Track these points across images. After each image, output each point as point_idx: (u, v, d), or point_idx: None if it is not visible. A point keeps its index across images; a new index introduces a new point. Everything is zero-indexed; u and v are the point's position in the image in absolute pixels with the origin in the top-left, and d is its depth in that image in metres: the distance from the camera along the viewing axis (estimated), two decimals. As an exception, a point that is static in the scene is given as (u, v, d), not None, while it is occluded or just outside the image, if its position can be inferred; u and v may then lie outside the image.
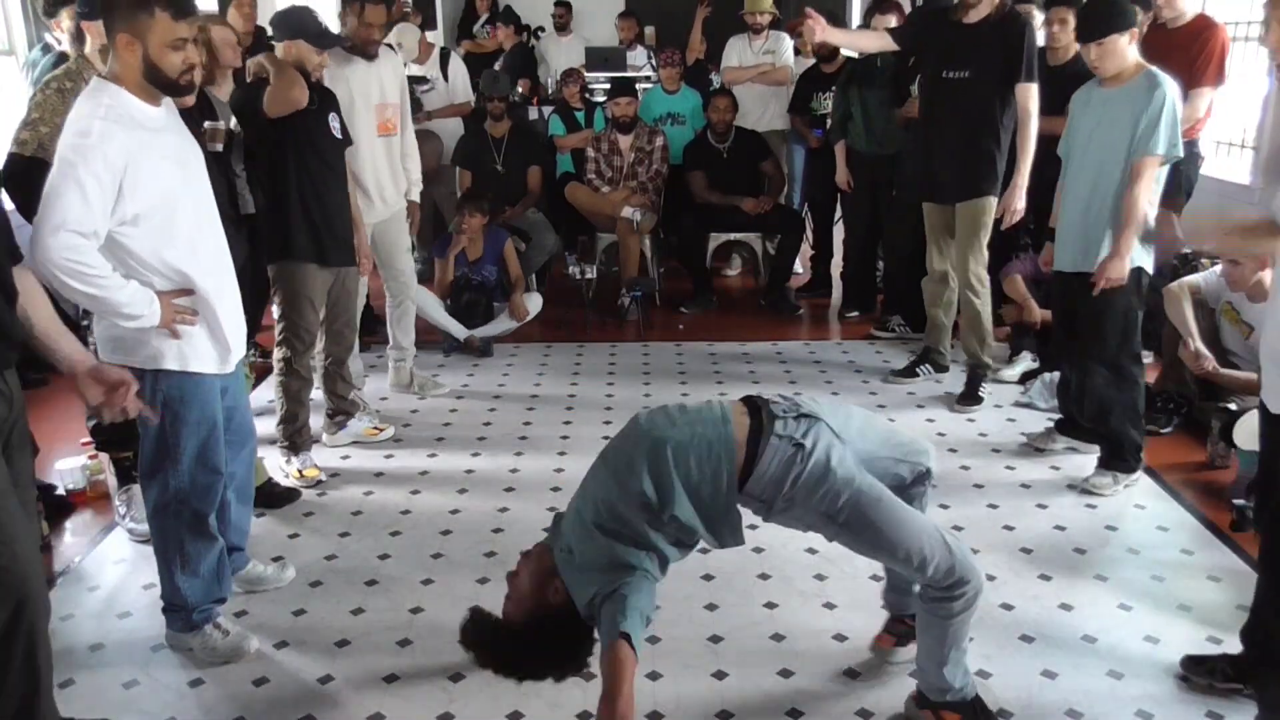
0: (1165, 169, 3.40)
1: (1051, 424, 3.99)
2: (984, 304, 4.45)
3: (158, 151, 2.37)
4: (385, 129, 4.16)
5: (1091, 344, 3.53)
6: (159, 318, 2.41)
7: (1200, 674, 2.51)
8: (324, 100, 3.69)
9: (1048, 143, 4.33)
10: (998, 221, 4.32)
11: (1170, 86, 3.31)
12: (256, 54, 4.60)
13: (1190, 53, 4.40)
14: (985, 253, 4.38)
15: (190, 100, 2.80)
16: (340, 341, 3.92)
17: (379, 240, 4.25)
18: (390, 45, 4.58)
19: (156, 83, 2.37)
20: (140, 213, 2.34)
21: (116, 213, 2.30)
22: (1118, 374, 3.50)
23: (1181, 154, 3.39)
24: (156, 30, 2.30)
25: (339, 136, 3.72)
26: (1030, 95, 4.13)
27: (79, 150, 2.24)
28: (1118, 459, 3.59)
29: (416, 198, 4.42)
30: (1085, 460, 3.80)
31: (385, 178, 4.18)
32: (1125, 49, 3.34)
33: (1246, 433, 3.48)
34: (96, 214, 2.25)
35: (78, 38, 3.75)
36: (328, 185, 3.65)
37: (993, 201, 4.29)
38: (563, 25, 8.51)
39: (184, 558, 2.63)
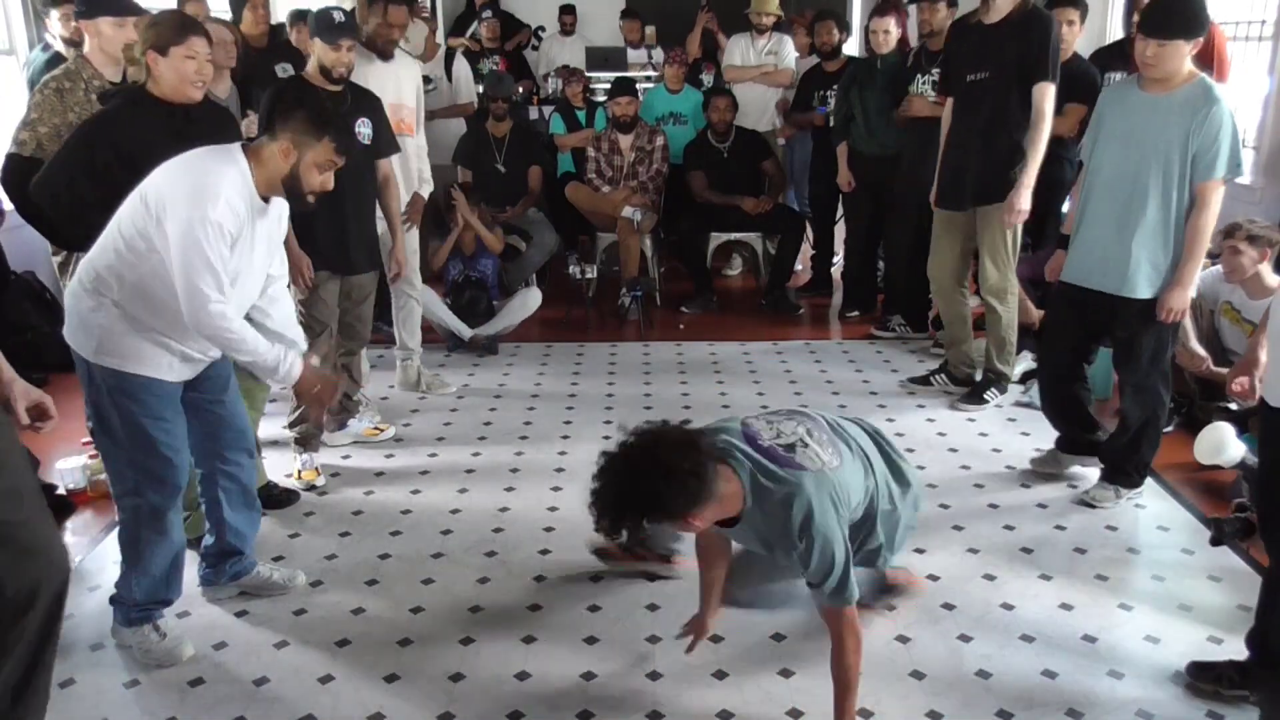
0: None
1: (1053, 446, 3.81)
2: (1008, 311, 4.35)
3: None
4: (398, 129, 4.16)
5: (1123, 366, 3.44)
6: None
7: (1206, 680, 2.50)
8: (356, 103, 3.68)
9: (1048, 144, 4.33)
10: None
11: (1225, 98, 3.11)
12: (273, 55, 4.64)
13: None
14: (1013, 259, 4.29)
15: (198, 96, 2.87)
16: (352, 335, 3.92)
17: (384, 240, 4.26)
18: (404, 49, 4.59)
19: None
20: None
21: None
22: (1145, 394, 3.38)
23: (1243, 171, 3.21)
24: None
25: (366, 143, 3.72)
26: (1046, 95, 4.00)
27: None
28: (1121, 474, 3.51)
29: (425, 193, 4.44)
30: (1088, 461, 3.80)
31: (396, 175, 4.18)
32: (1185, 56, 3.10)
33: (1209, 448, 3.40)
34: None
35: (73, 39, 3.75)
36: (348, 194, 3.64)
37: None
38: (569, 30, 8.55)
39: (135, 551, 2.63)
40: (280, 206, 2.66)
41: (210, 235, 2.35)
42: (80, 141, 2.83)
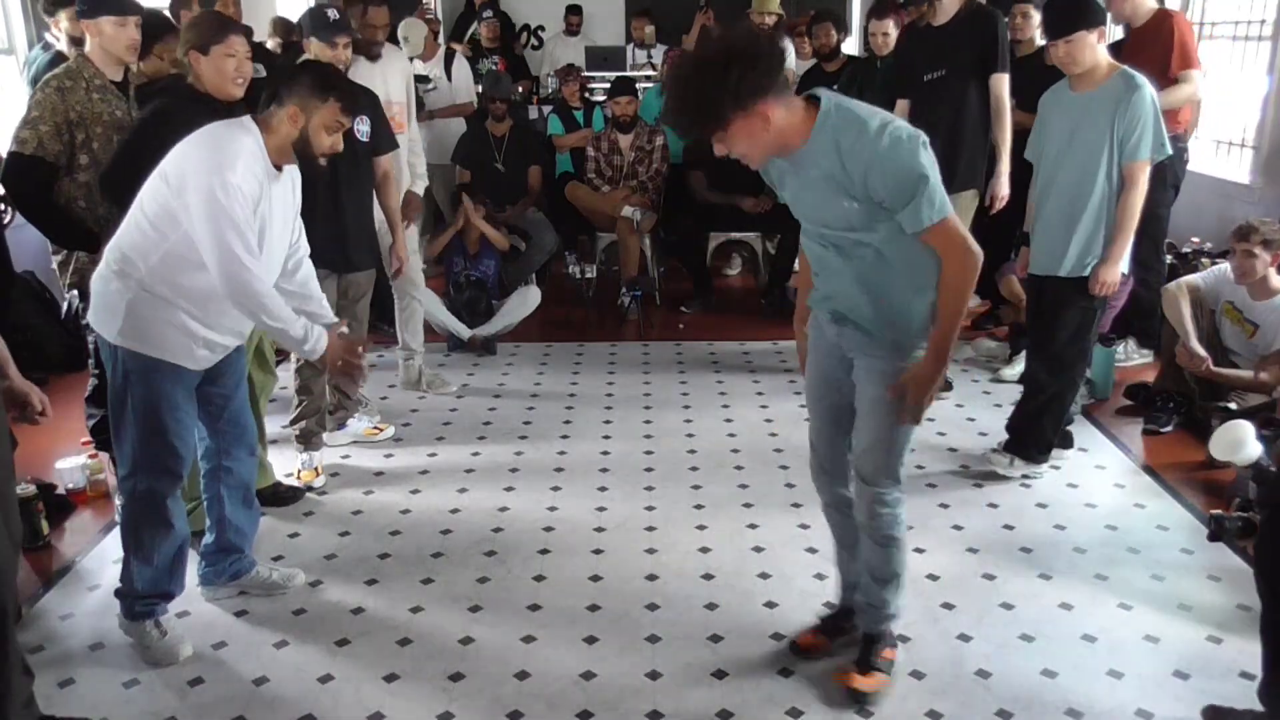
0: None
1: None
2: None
3: None
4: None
5: (1043, 341, 3.56)
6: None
7: None
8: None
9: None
10: (988, 210, 4.34)
11: (1147, 85, 3.28)
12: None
13: (1159, 46, 4.40)
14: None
15: (239, 93, 2.98)
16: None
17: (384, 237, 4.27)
18: (395, 41, 4.59)
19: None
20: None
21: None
22: (1056, 364, 3.52)
23: (1170, 151, 3.36)
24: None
25: (365, 141, 3.74)
26: (1003, 85, 4.19)
27: None
28: (1021, 447, 3.63)
29: (420, 190, 4.45)
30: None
31: None
32: (1094, 46, 3.30)
33: (1226, 444, 3.45)
34: None
35: (77, 38, 3.75)
36: (347, 192, 3.65)
37: (972, 194, 4.31)
38: (573, 30, 8.55)
39: (138, 540, 2.63)
40: (293, 176, 2.68)
41: (234, 198, 2.38)
42: (145, 136, 2.87)
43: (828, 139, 2.17)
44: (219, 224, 2.37)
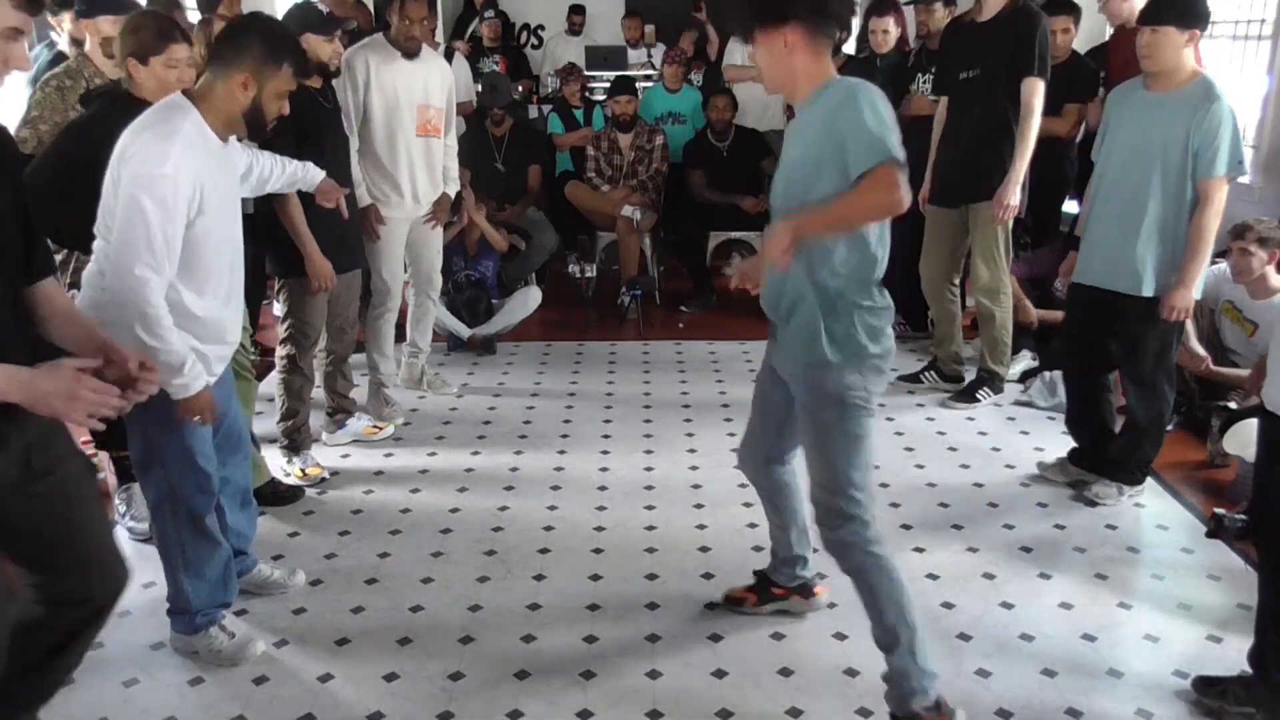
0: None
1: (1065, 456, 3.76)
2: (1001, 311, 4.32)
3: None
4: (425, 130, 4.14)
5: (1127, 363, 3.44)
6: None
7: (1212, 696, 2.46)
8: (338, 101, 3.69)
9: (1045, 143, 4.33)
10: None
11: (1227, 96, 3.13)
12: None
13: None
14: (1005, 259, 4.27)
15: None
16: (340, 339, 3.92)
17: (410, 237, 4.28)
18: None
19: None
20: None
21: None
22: (1150, 390, 3.38)
23: (1246, 170, 3.19)
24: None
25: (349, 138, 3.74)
26: (1035, 90, 4.03)
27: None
28: (1124, 471, 3.50)
29: (451, 192, 4.44)
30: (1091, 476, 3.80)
31: (421, 176, 4.18)
32: (1179, 48, 3.12)
33: (1241, 440, 3.46)
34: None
35: (77, 39, 3.75)
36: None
37: None
38: (576, 30, 8.54)
39: (186, 560, 2.62)
40: (235, 146, 2.60)
41: (162, 199, 2.24)
42: (63, 142, 2.81)
43: (822, 102, 2.24)
44: (135, 229, 2.24)
